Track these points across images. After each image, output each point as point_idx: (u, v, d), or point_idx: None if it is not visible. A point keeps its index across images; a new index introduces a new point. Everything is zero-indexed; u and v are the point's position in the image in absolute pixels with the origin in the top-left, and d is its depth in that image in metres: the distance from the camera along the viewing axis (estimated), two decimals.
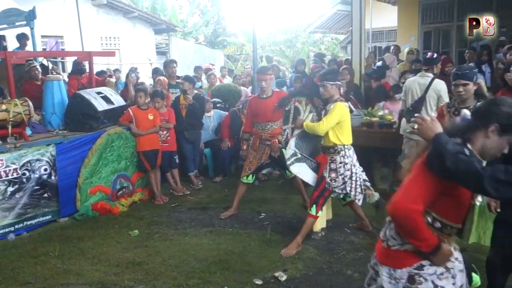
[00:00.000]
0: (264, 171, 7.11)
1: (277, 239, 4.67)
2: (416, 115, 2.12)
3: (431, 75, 5.30)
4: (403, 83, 6.10)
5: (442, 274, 2.05)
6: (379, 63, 8.85)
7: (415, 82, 5.36)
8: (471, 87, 3.70)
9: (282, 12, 47.88)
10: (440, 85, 5.18)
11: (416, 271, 2.05)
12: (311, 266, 4.08)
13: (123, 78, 9.21)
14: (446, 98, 5.11)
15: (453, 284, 2.05)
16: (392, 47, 10.00)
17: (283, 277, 3.84)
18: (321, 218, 4.59)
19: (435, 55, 5.57)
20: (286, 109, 4.75)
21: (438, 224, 2.01)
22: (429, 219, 2.01)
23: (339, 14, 14.63)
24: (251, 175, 5.38)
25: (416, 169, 1.97)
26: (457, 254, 2.12)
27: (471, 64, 6.91)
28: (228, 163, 7.24)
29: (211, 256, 4.29)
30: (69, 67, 10.18)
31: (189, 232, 4.94)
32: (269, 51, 22.05)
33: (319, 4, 39.66)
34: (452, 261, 2.07)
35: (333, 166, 4.30)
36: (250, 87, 8.62)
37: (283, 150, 5.00)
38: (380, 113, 6.65)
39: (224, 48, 23.71)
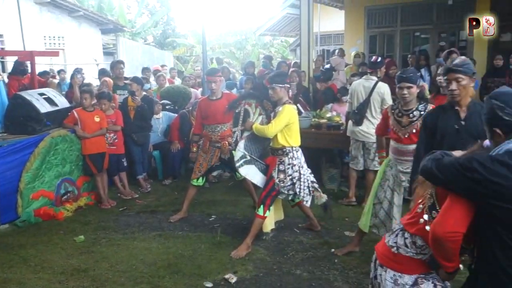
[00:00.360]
0: (214, 173, 7.08)
1: (227, 241, 4.67)
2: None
3: (375, 78, 5.48)
4: (351, 85, 6.27)
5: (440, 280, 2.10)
6: (327, 66, 9.04)
7: (360, 85, 5.52)
8: (415, 90, 3.84)
9: (233, 14, 48.06)
10: (383, 88, 5.37)
11: (423, 276, 2.08)
12: (261, 267, 4.10)
13: (68, 79, 8.90)
14: (389, 101, 5.30)
15: None
16: (337, 51, 10.26)
17: (233, 279, 3.84)
18: (270, 219, 4.62)
19: (380, 58, 5.75)
20: (236, 111, 4.75)
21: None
22: None
23: (288, 17, 14.83)
24: (201, 178, 5.35)
25: (450, 197, 1.90)
26: None
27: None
28: (178, 166, 7.16)
29: (160, 260, 4.22)
30: (9, 67, 9.71)
31: (137, 237, 4.84)
32: (219, 53, 22.04)
33: (269, 7, 40.01)
34: None
35: (281, 167, 4.35)
36: (200, 89, 8.56)
37: (233, 152, 5.01)
38: (328, 115, 6.79)
39: (173, 49, 23.44)
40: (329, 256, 4.28)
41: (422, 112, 3.84)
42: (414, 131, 3.84)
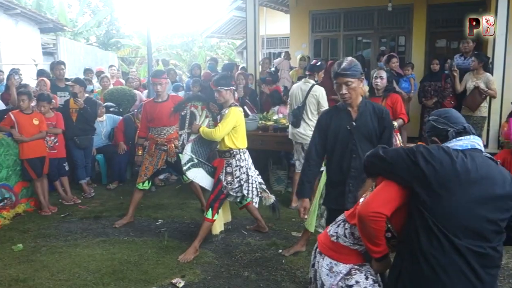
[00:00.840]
0: (161, 177, 6.98)
1: (174, 245, 4.61)
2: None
3: (312, 81, 5.57)
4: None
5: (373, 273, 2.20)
6: (274, 69, 9.14)
7: (298, 88, 5.61)
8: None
9: (179, 16, 47.47)
10: (318, 91, 5.45)
11: (357, 267, 2.18)
12: (209, 270, 4.09)
13: (4, 80, 8.45)
14: (325, 104, 5.39)
15: (374, 281, 2.17)
16: (283, 53, 10.40)
17: (181, 284, 3.80)
18: (219, 221, 4.62)
19: (319, 62, 5.83)
20: (182, 114, 4.70)
21: (388, 234, 2.07)
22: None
23: (235, 20, 14.86)
24: (147, 181, 5.26)
25: (381, 181, 2.06)
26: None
27: None
28: (124, 170, 7.00)
29: (105, 267, 4.10)
30: None
31: (80, 243, 4.67)
32: (165, 54, 21.71)
33: (215, 9, 39.93)
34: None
35: (229, 169, 4.36)
36: (146, 91, 8.41)
37: (180, 155, 4.96)
38: (275, 117, 6.87)
39: (118, 50, 22.84)
40: (277, 256, 4.33)
41: None
42: None
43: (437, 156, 1.89)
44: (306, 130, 5.45)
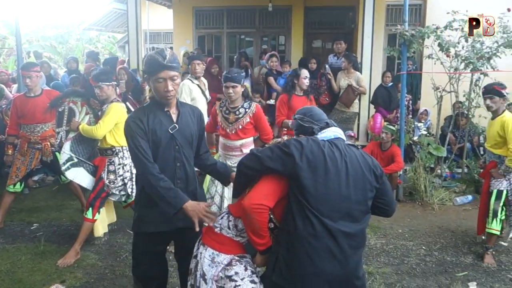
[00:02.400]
0: (35, 178, 6.49)
1: (52, 249, 4.33)
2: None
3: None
4: None
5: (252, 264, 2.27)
6: None
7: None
8: (239, 89, 4.07)
9: (52, 5, 44.07)
10: (181, 86, 5.24)
11: (238, 258, 2.23)
12: (92, 273, 3.91)
13: None
14: (186, 98, 5.17)
15: (253, 272, 2.23)
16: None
17: None
18: (103, 223, 4.45)
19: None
20: (60, 110, 4.41)
21: (271, 225, 2.16)
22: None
23: (116, 12, 14.27)
24: (18, 183, 4.86)
25: (263, 177, 2.16)
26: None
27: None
28: None
29: None
30: None
31: None
32: (38, 46, 20.06)
33: (94, 0, 37.77)
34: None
35: (111, 168, 4.20)
36: (15, 85, 7.71)
37: (57, 154, 4.66)
38: None
39: None
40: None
41: (247, 110, 4.10)
42: (240, 127, 4.09)
43: (307, 145, 2.09)
44: None
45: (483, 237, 4.54)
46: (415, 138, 6.52)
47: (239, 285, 2.15)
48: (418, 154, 6.27)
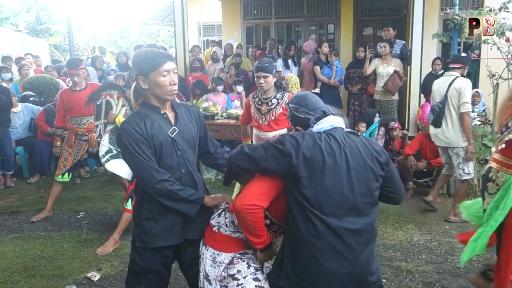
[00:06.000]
0: (87, 168, 6.77)
1: (94, 238, 4.50)
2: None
3: (456, 74, 4.98)
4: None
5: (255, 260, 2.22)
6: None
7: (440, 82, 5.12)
8: (271, 79, 3.99)
9: (113, 1, 45.57)
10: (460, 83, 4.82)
11: (239, 255, 2.19)
12: (127, 262, 3.98)
13: None
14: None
15: (256, 270, 2.18)
16: (211, 44, 10.30)
17: (96, 277, 3.71)
18: None
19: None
20: (98, 103, 4.55)
21: (267, 221, 2.09)
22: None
23: (170, 6, 14.55)
24: (67, 173, 5.07)
25: (255, 176, 2.07)
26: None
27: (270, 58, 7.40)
28: (47, 162, 6.70)
29: (15, 264, 3.93)
30: None
31: None
32: (101, 41, 20.94)
33: None
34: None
35: None
36: (69, 79, 8.07)
37: None
38: (205, 105, 6.84)
39: (50, 37, 21.75)
40: None
41: (279, 100, 4.01)
42: (272, 118, 4.02)
43: (303, 142, 1.94)
44: (449, 131, 4.88)
45: None
46: None
47: (242, 284, 2.10)
48: None
